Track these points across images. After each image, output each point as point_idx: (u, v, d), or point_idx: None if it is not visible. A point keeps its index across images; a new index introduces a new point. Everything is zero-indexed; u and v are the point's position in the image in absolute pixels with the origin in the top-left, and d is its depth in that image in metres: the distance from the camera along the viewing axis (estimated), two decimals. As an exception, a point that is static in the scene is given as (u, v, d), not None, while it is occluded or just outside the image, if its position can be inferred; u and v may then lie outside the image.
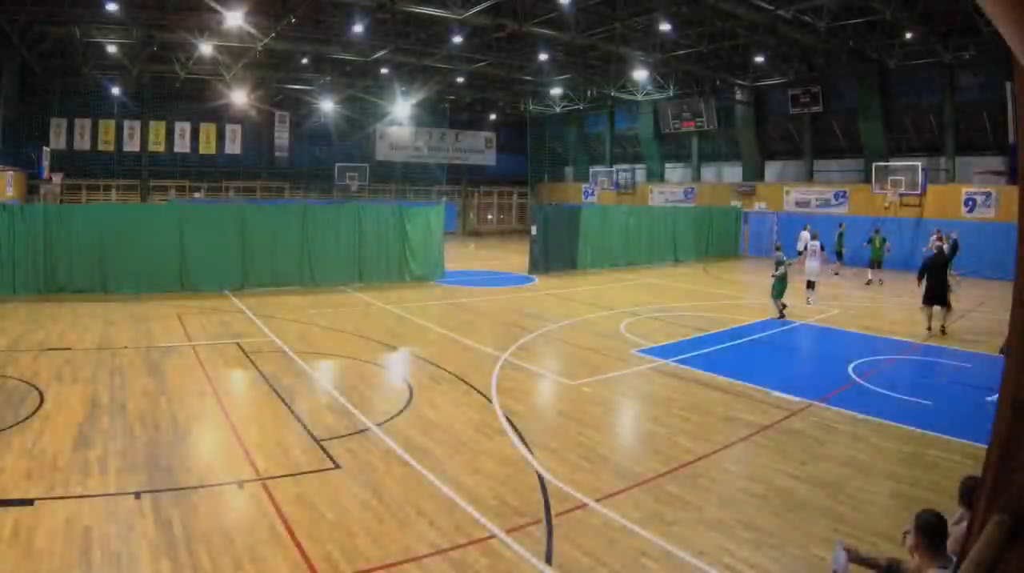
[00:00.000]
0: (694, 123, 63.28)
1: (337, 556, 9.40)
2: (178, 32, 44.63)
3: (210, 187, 68.24)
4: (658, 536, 10.09)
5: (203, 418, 14.83)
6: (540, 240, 41.41)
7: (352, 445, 13.46)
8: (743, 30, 44.52)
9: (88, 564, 8.92)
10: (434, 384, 18.03)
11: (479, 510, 10.83)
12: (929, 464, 13.10)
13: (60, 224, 29.53)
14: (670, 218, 50.04)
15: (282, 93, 65.49)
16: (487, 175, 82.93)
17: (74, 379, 17.37)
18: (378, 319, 26.58)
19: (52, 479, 11.39)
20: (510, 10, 41.45)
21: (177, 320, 25.40)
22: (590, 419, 15.46)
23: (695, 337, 24.11)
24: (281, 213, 34.26)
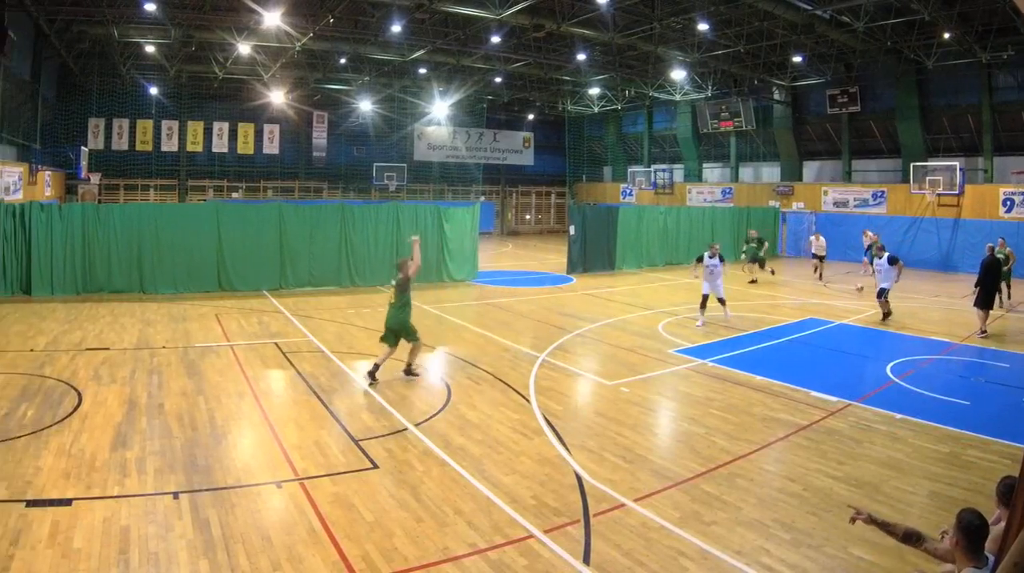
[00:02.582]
0: (732, 123, 63.05)
1: (375, 556, 9.40)
2: (216, 32, 44.84)
3: (248, 187, 68.49)
4: (696, 536, 10.07)
5: (241, 418, 14.89)
6: (578, 240, 41.37)
7: (390, 445, 13.50)
8: (781, 30, 44.33)
9: (126, 564, 8.96)
10: (472, 384, 18.04)
11: (517, 510, 10.83)
12: (967, 464, 13.01)
13: (98, 224, 29.75)
14: (708, 218, 49.93)
15: (320, 93, 65.55)
16: (525, 175, 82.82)
17: (112, 379, 17.48)
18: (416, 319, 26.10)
19: (90, 479, 11.46)
20: (548, 10, 41.42)
21: (215, 320, 25.54)
22: (628, 419, 15.42)
23: (733, 337, 24.02)
24: (319, 213, 34.23)
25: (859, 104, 52.97)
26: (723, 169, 68.25)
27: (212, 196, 65.77)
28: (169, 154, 64.76)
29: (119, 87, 60.60)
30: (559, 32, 44.14)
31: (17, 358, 19.21)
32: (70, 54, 51.38)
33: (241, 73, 57.82)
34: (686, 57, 49.99)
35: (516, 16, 40.06)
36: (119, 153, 62.37)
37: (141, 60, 54.43)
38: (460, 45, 48.84)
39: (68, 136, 58.11)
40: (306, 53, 52.16)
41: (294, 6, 39.46)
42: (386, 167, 73.06)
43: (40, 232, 28.90)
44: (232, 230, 31.89)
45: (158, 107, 63.31)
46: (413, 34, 47.00)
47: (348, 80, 60.93)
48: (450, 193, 78.08)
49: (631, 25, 44.17)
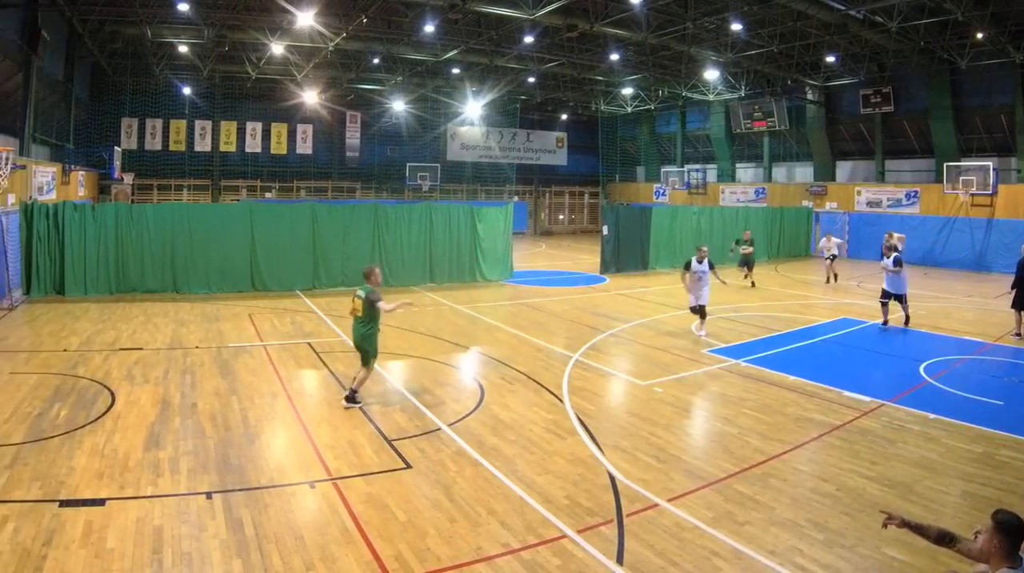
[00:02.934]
0: (765, 123, 62.83)
1: (408, 556, 9.43)
2: (249, 32, 45.04)
3: (281, 187, 68.79)
4: (729, 536, 10.10)
5: (274, 418, 14.94)
6: (611, 240, 41.29)
7: (423, 445, 13.52)
8: (814, 30, 44.20)
9: (159, 564, 9.01)
10: (505, 384, 18.06)
11: (550, 510, 10.85)
12: (1000, 464, 12.98)
13: (131, 224, 29.92)
14: (741, 218, 49.45)
15: (353, 93, 65.74)
16: (558, 175, 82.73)
17: (145, 379, 17.57)
18: (449, 319, 26.66)
19: (123, 479, 11.53)
20: (581, 10, 41.44)
21: (248, 320, 25.66)
22: (661, 419, 15.40)
23: (766, 337, 23.95)
24: (352, 213, 34.30)
25: (892, 104, 52.67)
26: (756, 169, 68.09)
27: (245, 196, 66.13)
28: (202, 154, 65.09)
29: (152, 87, 60.98)
30: (592, 32, 44.14)
31: (51, 358, 19.31)
32: (103, 54, 51.68)
33: (274, 73, 58.06)
34: (719, 57, 49.93)
35: (549, 16, 40.07)
36: (152, 153, 62.73)
37: (174, 60, 54.75)
38: (493, 45, 48.96)
39: (101, 136, 58.45)
40: (339, 53, 52.31)
41: (327, 6, 39.55)
42: (419, 167, 73.26)
43: (73, 232, 29.02)
44: (265, 230, 31.98)
45: (191, 107, 63.67)
46: (446, 34, 47.12)
47: (381, 80, 61.05)
48: (483, 193, 78.23)
49: (664, 25, 44.11)
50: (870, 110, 54.29)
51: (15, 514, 10.13)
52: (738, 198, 66.82)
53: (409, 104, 67.47)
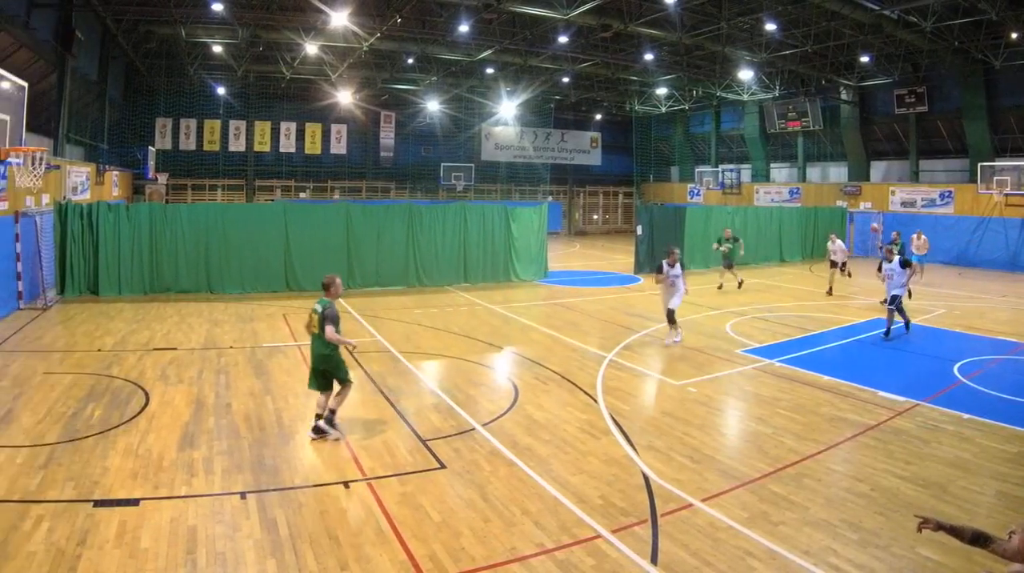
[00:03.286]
0: (800, 123, 62.65)
1: (442, 556, 9.46)
2: (283, 32, 45.14)
3: (315, 187, 68.97)
4: (764, 536, 10.12)
5: (309, 418, 14.77)
6: (645, 240, 41.17)
7: (458, 445, 13.56)
8: (848, 30, 44.12)
9: (193, 564, 9.07)
10: (539, 384, 18.07)
11: (584, 510, 10.86)
12: (1035, 464, 12.88)
13: (165, 224, 30.08)
14: (775, 218, 49.57)
15: (387, 93, 65.85)
16: (592, 175, 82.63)
17: (179, 379, 17.67)
18: (483, 319, 26.69)
19: (157, 479, 11.60)
20: (616, 10, 41.33)
21: (283, 320, 25.79)
22: (695, 419, 15.41)
23: (800, 337, 23.87)
24: (386, 213, 34.38)
25: (926, 104, 52.38)
26: (790, 169, 67.86)
27: (279, 196, 66.42)
28: (236, 154, 65.44)
29: (186, 87, 61.32)
30: (626, 32, 44.14)
31: (85, 358, 19.41)
32: (137, 54, 51.94)
33: (308, 73, 58.19)
34: (753, 57, 49.80)
35: (583, 16, 40.03)
36: (186, 153, 63.11)
37: (208, 60, 54.95)
38: (527, 45, 48.89)
39: (135, 136, 58.81)
40: (373, 53, 52.40)
41: (361, 6, 39.72)
42: (453, 167, 73.31)
43: (107, 232, 29.21)
44: (299, 230, 32.08)
45: (225, 107, 64.00)
46: (480, 34, 47.14)
47: (415, 80, 61.13)
48: (517, 193, 78.24)
49: (698, 25, 44.03)
50: (904, 110, 54.03)
51: (49, 514, 10.21)
52: (772, 198, 66.62)
53: (443, 104, 67.62)
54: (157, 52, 54.68)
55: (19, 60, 31.28)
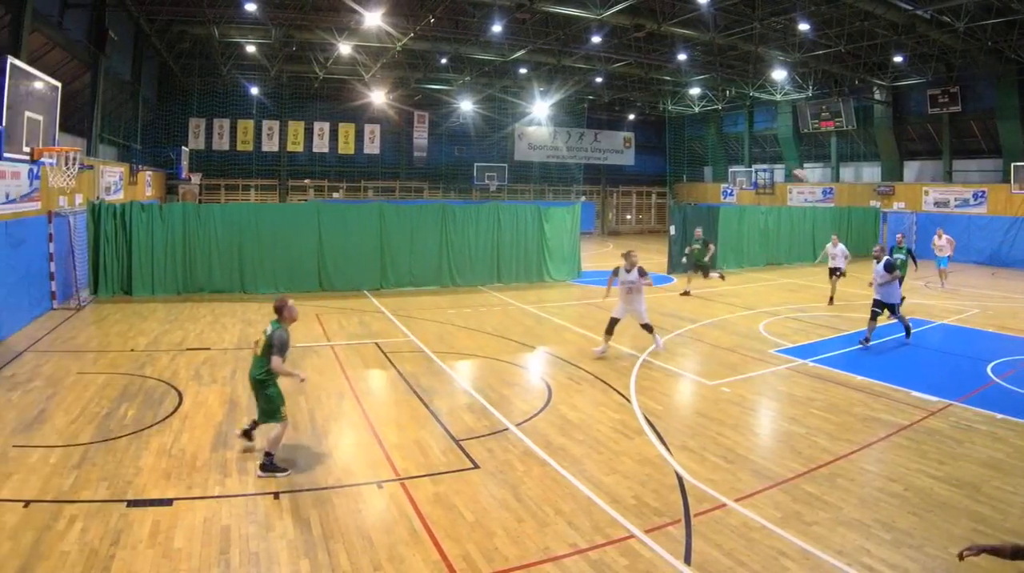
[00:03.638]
0: (833, 123, 62.47)
1: (476, 556, 9.49)
2: (317, 32, 45.46)
3: (349, 187, 69.36)
4: (797, 536, 10.13)
5: (342, 418, 15.03)
6: (678, 240, 40.96)
7: (491, 445, 13.57)
8: (882, 30, 44.01)
9: (227, 564, 9.13)
10: (573, 384, 18.06)
11: (618, 510, 10.87)
12: (1069, 464, 12.81)
13: (199, 224, 30.19)
14: (808, 218, 49.49)
15: (421, 93, 66.24)
16: (625, 175, 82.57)
17: (212, 379, 17.74)
18: (516, 319, 26.69)
19: (191, 479, 11.67)
20: (649, 10, 41.47)
21: (316, 320, 25.78)
22: (728, 419, 15.41)
23: (834, 337, 23.82)
24: (419, 213, 34.39)
25: (960, 104, 52.16)
26: (824, 169, 67.70)
27: (312, 196, 66.75)
28: (270, 154, 65.97)
29: (219, 87, 61.90)
30: (659, 32, 44.21)
31: (118, 358, 19.47)
32: (170, 54, 52.31)
33: (342, 73, 58.56)
34: (787, 57, 49.74)
35: (617, 16, 40.18)
36: (219, 153, 63.70)
37: (242, 60, 55.37)
38: (561, 45, 49.03)
39: (168, 136, 59.24)
40: (407, 53, 52.74)
41: (395, 6, 39.89)
42: (487, 167, 73.75)
43: (141, 232, 29.34)
44: (332, 230, 32.13)
45: (259, 107, 64.50)
46: (514, 34, 47.28)
47: (449, 80, 61.40)
48: (551, 193, 78.49)
49: (731, 25, 44.09)
50: (937, 110, 53.79)
51: (83, 514, 10.27)
52: (805, 198, 66.52)
53: (477, 104, 67.90)
54: (190, 52, 55.21)
55: (52, 60, 31.44)
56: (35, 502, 10.62)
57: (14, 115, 15.58)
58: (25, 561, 8.98)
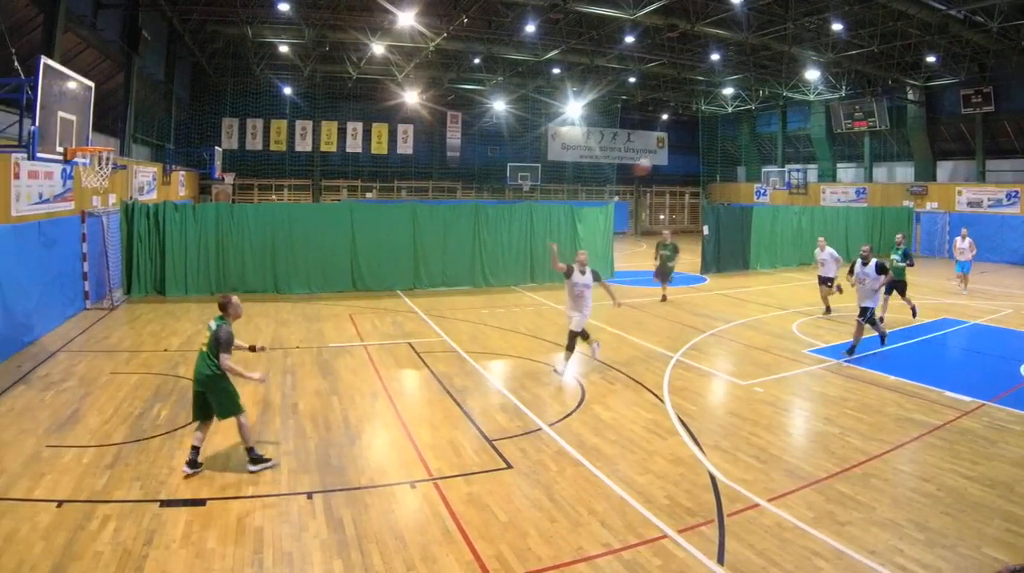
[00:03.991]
0: (866, 123, 62.21)
1: (509, 556, 9.52)
2: (350, 32, 45.53)
3: (382, 187, 69.48)
4: (830, 536, 10.13)
5: (375, 418, 15.07)
6: (712, 240, 40.99)
7: (524, 445, 13.59)
8: (915, 30, 43.90)
9: (260, 564, 9.18)
10: (606, 384, 18.08)
11: (651, 510, 10.88)
12: (1104, 464, 12.74)
13: (232, 224, 30.27)
14: (842, 218, 49.41)
15: (454, 93, 66.25)
16: (659, 175, 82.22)
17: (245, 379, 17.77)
18: (550, 319, 26.71)
19: (224, 479, 11.74)
20: (682, 10, 41.36)
21: (349, 320, 25.85)
22: (762, 419, 15.41)
23: (867, 337, 23.24)
24: (452, 213, 34.40)
25: (993, 104, 51.87)
26: (857, 169, 67.46)
27: (346, 196, 67.02)
28: (303, 154, 66.10)
29: (253, 87, 62.03)
30: (693, 32, 44.07)
31: (151, 358, 19.57)
32: (203, 54, 52.72)
33: (375, 73, 58.66)
34: (820, 57, 49.56)
35: (650, 16, 40.05)
36: (253, 153, 63.91)
37: (275, 60, 55.58)
38: (594, 45, 49.05)
39: (201, 136, 59.52)
40: (440, 53, 52.75)
41: (428, 6, 39.98)
42: (520, 167, 73.65)
43: (174, 232, 29.45)
44: (366, 230, 32.19)
45: (292, 107, 64.68)
46: (547, 34, 47.34)
47: (482, 80, 61.49)
48: (584, 193, 78.38)
49: (765, 25, 44.00)
50: (971, 110, 53.49)
51: (116, 514, 10.35)
52: (839, 198, 66.25)
53: (510, 104, 67.98)
54: (224, 52, 55.37)
55: (86, 60, 31.62)
56: (68, 502, 10.71)
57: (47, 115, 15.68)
58: (58, 561, 9.05)
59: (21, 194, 20.86)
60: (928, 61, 50.21)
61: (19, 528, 9.86)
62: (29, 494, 10.98)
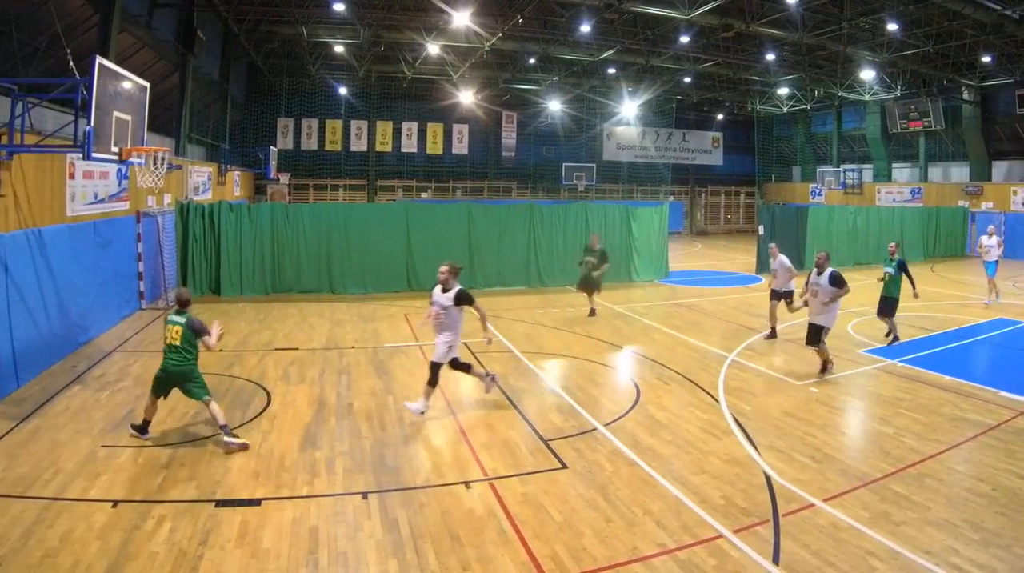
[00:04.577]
0: (921, 123, 61.74)
1: (564, 556, 9.52)
2: (405, 32, 45.81)
3: (437, 187, 69.69)
4: (885, 536, 10.11)
5: (430, 418, 15.06)
6: (767, 240, 40.57)
7: (579, 445, 13.57)
8: (970, 30, 43.59)
9: (315, 564, 9.22)
10: (661, 384, 18.07)
11: (706, 510, 10.89)
12: None
13: (287, 224, 30.39)
14: (897, 218, 48.99)
15: (509, 93, 66.37)
16: (714, 175, 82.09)
17: (301, 379, 17.91)
18: (604, 319, 26.66)
19: (279, 479, 11.79)
20: (737, 10, 41.30)
21: (404, 320, 25.98)
22: (817, 419, 15.38)
23: (922, 337, 23.62)
24: (508, 213, 34.48)
25: (1049, 104, 51.56)
26: (912, 169, 66.95)
27: (401, 196, 67.27)
28: (358, 154, 66.43)
29: (308, 87, 62.55)
30: (748, 32, 44.04)
31: (206, 358, 19.33)
32: (259, 54, 53.07)
33: (430, 73, 58.91)
34: (875, 57, 49.28)
35: (705, 16, 40.06)
36: (308, 153, 64.35)
37: (330, 60, 56.03)
38: (649, 45, 48.96)
39: (257, 136, 59.95)
40: (495, 53, 52.91)
41: (483, 6, 40.07)
42: (575, 167, 73.60)
43: (229, 232, 29.59)
44: (421, 230, 32.25)
45: (347, 107, 65.08)
46: (602, 34, 47.28)
47: (537, 80, 61.57)
48: (639, 193, 78.25)
49: (820, 25, 43.88)
50: (1026, 110, 53.18)
51: (171, 514, 10.42)
52: (894, 198, 65.74)
53: (565, 104, 67.89)
54: (279, 52, 55.75)
55: (141, 60, 31.87)
56: (123, 502, 10.80)
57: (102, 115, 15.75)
58: (114, 561, 9.13)
59: (76, 194, 21.01)
60: (983, 61, 49.90)
61: (75, 528, 9.94)
62: (84, 494, 11.06)
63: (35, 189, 18.26)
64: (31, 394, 16.27)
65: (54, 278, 18.89)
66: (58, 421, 14.41)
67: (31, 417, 14.66)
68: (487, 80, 61.15)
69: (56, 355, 19.00)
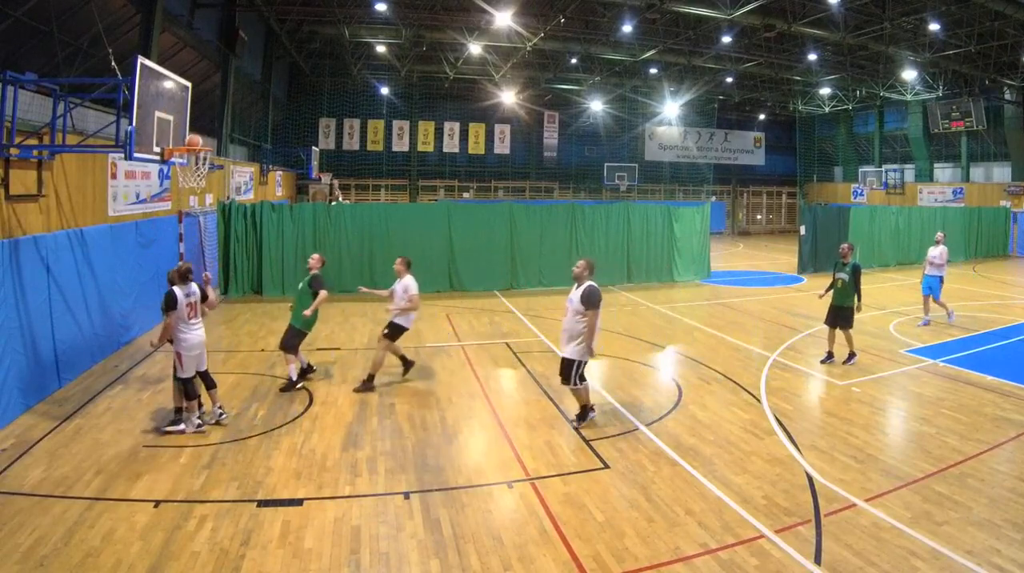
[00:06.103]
0: (963, 123, 61.25)
1: (606, 556, 9.52)
2: (447, 32, 46.02)
3: (479, 187, 69.83)
4: (927, 536, 10.08)
5: (472, 418, 15.09)
6: (809, 240, 40.81)
7: (621, 445, 13.56)
8: (1012, 30, 43.35)
9: (357, 564, 9.24)
10: (703, 384, 18.02)
11: (748, 510, 10.88)
12: None
13: (329, 224, 30.46)
14: (939, 218, 48.48)
15: (551, 93, 66.47)
16: (756, 175, 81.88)
17: (343, 379, 17.97)
18: (646, 319, 26.67)
19: (321, 479, 11.81)
20: (779, 10, 41.28)
21: (446, 320, 25.96)
22: (859, 419, 15.28)
23: (964, 337, 23.43)
24: (549, 213, 34.40)
25: (1090, 104, 51.24)
26: (954, 169, 66.48)
27: (443, 196, 67.48)
28: (400, 154, 66.75)
29: (350, 87, 62.88)
30: (790, 32, 43.94)
31: (248, 358, 19.82)
32: (300, 54, 53.35)
33: (472, 73, 59.21)
34: (917, 57, 49.13)
35: (747, 16, 40.09)
36: (350, 153, 64.69)
37: (372, 60, 56.44)
38: (691, 45, 49.10)
39: (298, 136, 60.20)
40: (537, 53, 52.97)
41: (525, 6, 40.12)
42: (617, 167, 73.63)
43: (271, 232, 29.74)
44: (463, 230, 32.34)
45: (389, 107, 65.35)
46: (644, 34, 47.38)
47: (579, 80, 61.69)
48: (681, 193, 78.14)
49: (862, 25, 43.72)
50: (1069, 110, 52.84)
51: (213, 514, 10.48)
52: (936, 198, 65.38)
53: (607, 104, 67.94)
54: (321, 52, 56.22)
55: (183, 60, 32.08)
56: (165, 502, 10.86)
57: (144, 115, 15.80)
58: (156, 561, 9.20)
59: (118, 194, 21.14)
60: (1025, 61, 49.45)
61: (116, 528, 10.02)
62: (126, 494, 11.14)
63: (77, 189, 18.37)
64: (73, 394, 16.38)
65: (96, 278, 18.99)
66: (100, 421, 14.49)
67: (73, 417, 14.75)
68: (529, 80, 61.33)
69: (98, 355, 19.13)
